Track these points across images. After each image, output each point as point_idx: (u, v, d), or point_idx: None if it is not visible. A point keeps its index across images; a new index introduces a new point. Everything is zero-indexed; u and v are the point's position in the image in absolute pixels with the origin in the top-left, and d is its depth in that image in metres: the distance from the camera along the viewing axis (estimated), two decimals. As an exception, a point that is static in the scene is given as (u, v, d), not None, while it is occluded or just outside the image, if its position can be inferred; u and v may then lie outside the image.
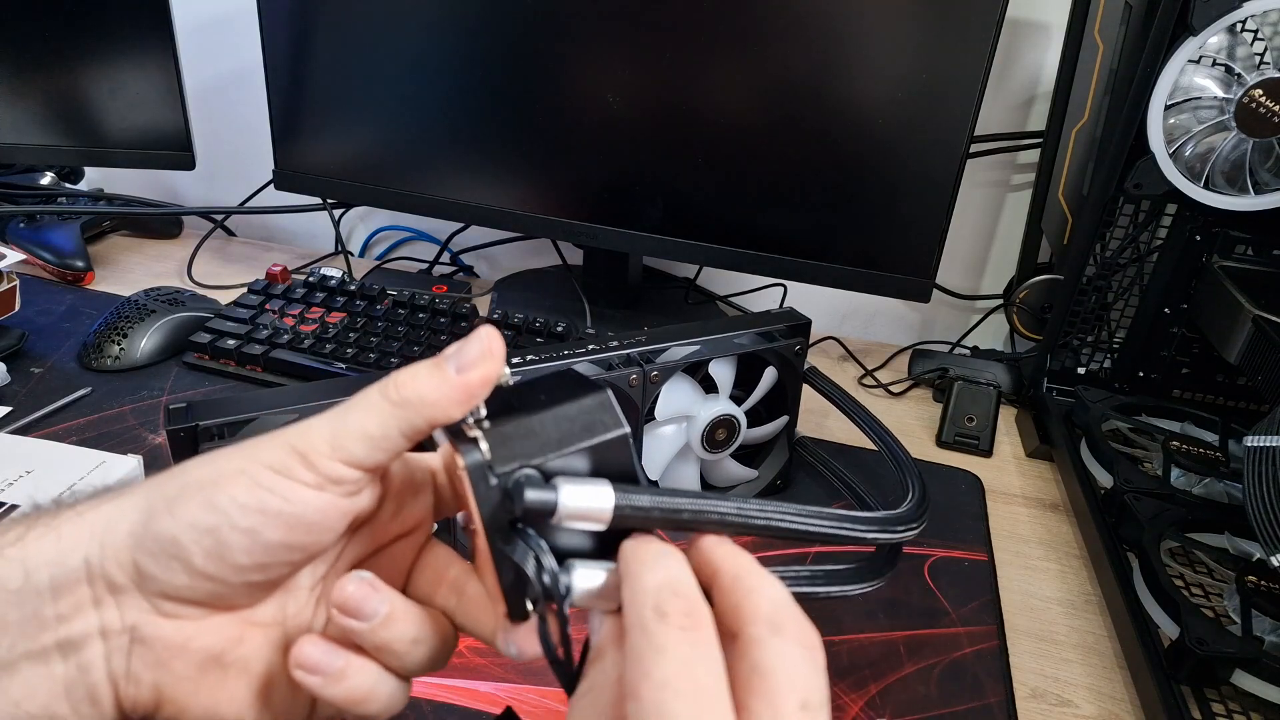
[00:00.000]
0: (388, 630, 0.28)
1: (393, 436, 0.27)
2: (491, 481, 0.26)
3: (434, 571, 0.31)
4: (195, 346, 0.77)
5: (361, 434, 0.26)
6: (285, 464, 0.26)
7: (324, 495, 0.26)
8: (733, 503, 0.29)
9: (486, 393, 0.27)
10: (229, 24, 1.06)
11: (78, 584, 0.26)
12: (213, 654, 0.27)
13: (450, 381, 0.26)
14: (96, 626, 0.26)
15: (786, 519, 0.31)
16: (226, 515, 0.25)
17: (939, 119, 0.73)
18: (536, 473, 0.26)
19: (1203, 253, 0.72)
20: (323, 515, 0.27)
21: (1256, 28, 0.65)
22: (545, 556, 0.26)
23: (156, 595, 0.26)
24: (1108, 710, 0.52)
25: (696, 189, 0.81)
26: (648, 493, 0.27)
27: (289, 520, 0.26)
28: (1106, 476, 0.67)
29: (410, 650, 0.28)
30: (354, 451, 0.26)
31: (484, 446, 0.26)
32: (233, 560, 0.26)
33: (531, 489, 0.25)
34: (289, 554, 0.27)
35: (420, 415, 0.26)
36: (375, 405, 0.27)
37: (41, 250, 0.91)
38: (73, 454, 0.60)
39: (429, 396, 0.26)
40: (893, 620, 0.56)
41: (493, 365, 0.27)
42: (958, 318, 1.00)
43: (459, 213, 0.90)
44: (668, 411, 0.59)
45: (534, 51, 0.80)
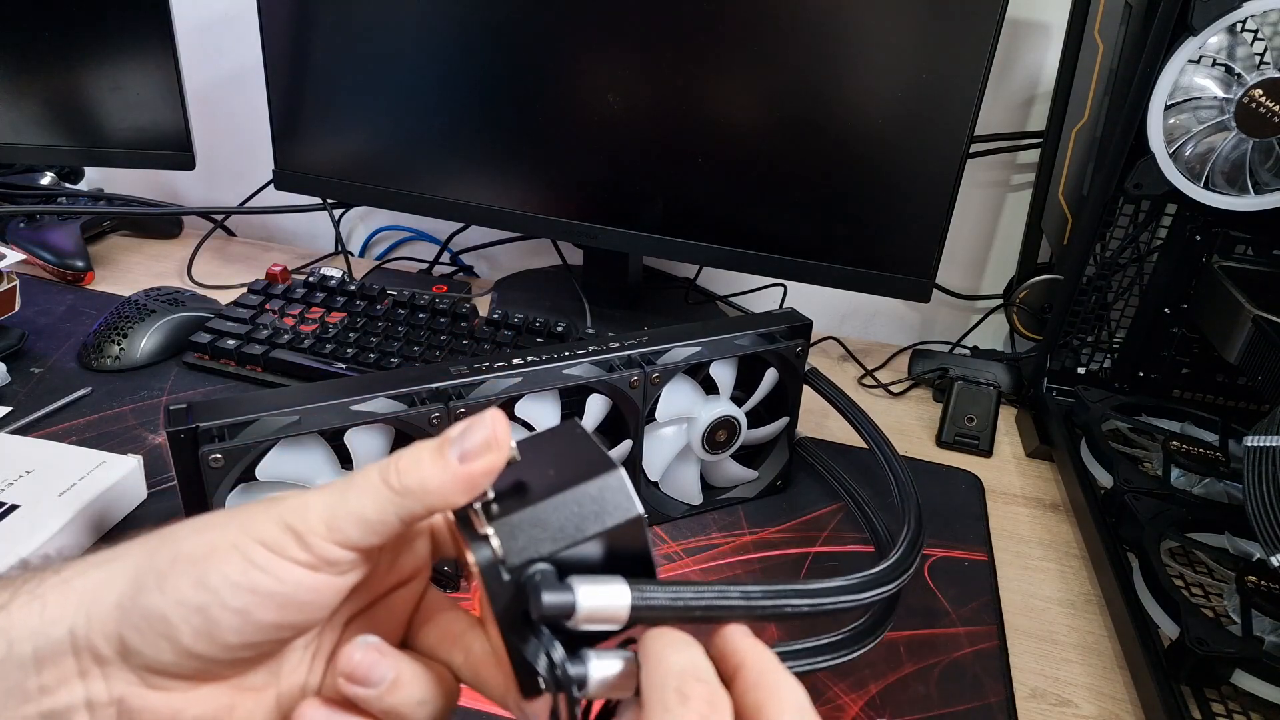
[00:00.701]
0: (394, 696, 0.27)
1: (390, 522, 0.26)
2: (504, 578, 0.25)
3: (438, 627, 0.31)
4: (195, 346, 0.77)
5: (358, 519, 0.26)
6: (279, 541, 0.25)
7: (318, 576, 0.26)
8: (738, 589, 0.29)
9: (490, 482, 0.26)
10: (229, 24, 1.06)
11: (62, 656, 0.25)
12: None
13: (452, 470, 0.26)
14: (82, 699, 0.25)
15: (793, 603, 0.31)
16: (217, 594, 0.25)
17: (939, 119, 0.73)
18: (550, 567, 0.26)
19: (1203, 253, 0.72)
20: (316, 595, 0.26)
21: (1256, 28, 0.65)
22: (557, 652, 0.25)
23: (143, 669, 0.25)
24: (1108, 710, 0.52)
25: (696, 189, 0.81)
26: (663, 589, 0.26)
27: (281, 600, 0.25)
28: (1106, 476, 0.67)
29: (416, 711, 0.28)
30: (349, 534, 0.26)
31: (495, 543, 0.25)
32: (222, 640, 0.25)
33: (548, 592, 0.25)
34: (280, 632, 0.26)
35: (420, 503, 0.26)
36: (375, 489, 0.26)
37: (41, 250, 0.91)
38: (73, 454, 0.60)
39: (430, 484, 0.26)
40: (893, 620, 0.56)
41: (496, 456, 0.26)
42: (958, 318, 1.00)
43: (459, 213, 0.90)
44: (668, 413, 0.59)
45: (534, 51, 0.80)
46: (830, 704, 0.50)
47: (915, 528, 0.51)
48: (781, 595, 0.31)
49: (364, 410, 0.49)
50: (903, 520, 0.52)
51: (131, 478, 0.59)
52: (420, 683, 0.28)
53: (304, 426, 0.47)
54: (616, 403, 0.56)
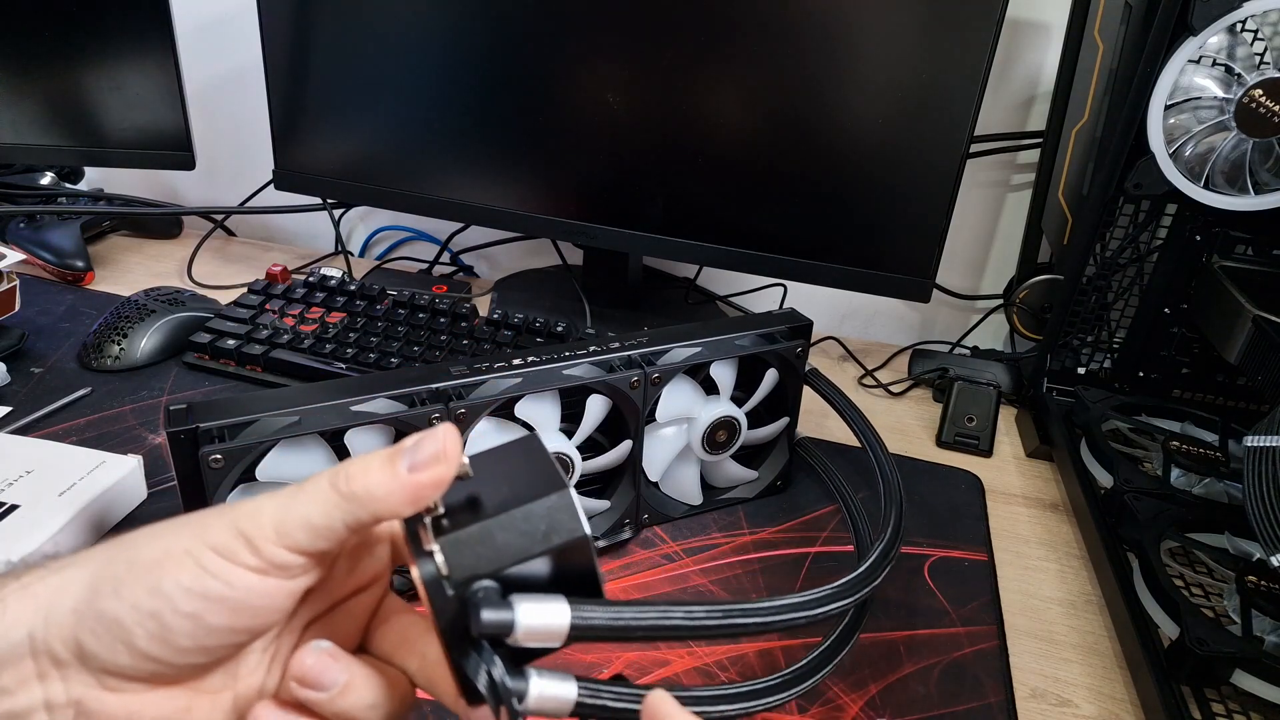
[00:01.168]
0: (345, 699, 0.28)
1: (336, 528, 0.26)
2: (448, 593, 0.25)
3: (395, 631, 0.31)
4: (195, 346, 0.77)
5: (306, 523, 0.26)
6: (229, 547, 0.26)
7: (267, 580, 0.26)
8: (682, 608, 0.29)
9: (438, 494, 0.27)
10: (229, 24, 1.06)
11: (21, 659, 0.26)
12: None
13: (400, 480, 0.26)
14: (41, 700, 0.26)
15: (739, 621, 0.32)
16: (169, 599, 0.25)
17: (939, 119, 0.73)
18: (494, 584, 0.26)
19: (1203, 253, 0.72)
20: (267, 599, 0.26)
21: (1256, 28, 0.65)
22: (496, 669, 0.26)
23: (100, 672, 0.26)
24: (1108, 710, 0.52)
25: (696, 189, 0.81)
26: (603, 608, 0.27)
27: (233, 605, 0.26)
28: (1106, 476, 0.67)
29: (367, 714, 0.28)
30: (298, 539, 0.26)
31: (439, 559, 0.26)
32: (175, 644, 0.26)
33: (489, 609, 0.25)
34: (233, 636, 0.27)
35: (366, 510, 0.26)
36: (323, 494, 0.26)
37: (41, 250, 0.91)
38: (73, 454, 0.60)
39: (377, 492, 0.26)
40: (893, 620, 0.56)
41: (444, 469, 0.26)
42: (958, 318, 1.00)
43: (459, 213, 0.90)
44: (669, 413, 0.59)
45: (535, 51, 0.80)
46: (830, 704, 0.50)
47: (889, 539, 0.50)
48: (727, 615, 0.31)
49: (364, 411, 0.49)
50: (882, 526, 0.52)
51: (131, 478, 0.59)
52: (372, 687, 0.28)
53: (304, 427, 0.47)
54: (616, 403, 0.56)
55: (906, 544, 0.63)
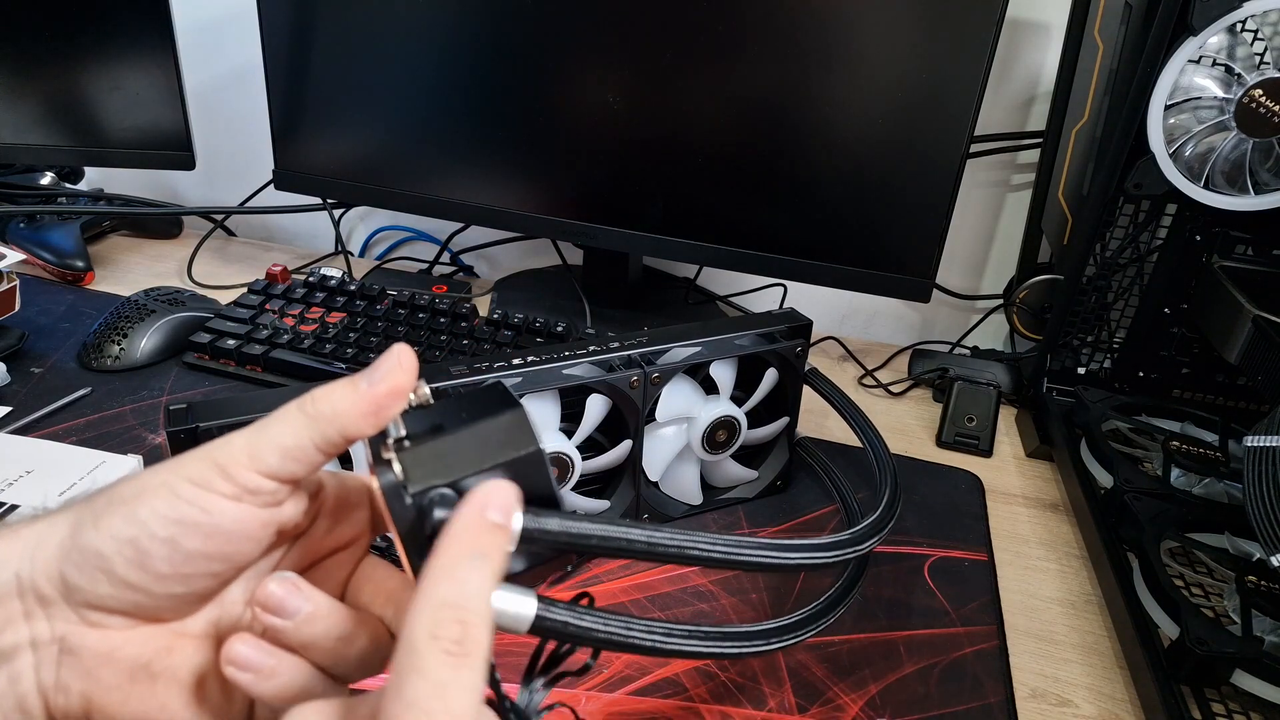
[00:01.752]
0: (311, 627, 0.28)
1: (306, 448, 0.27)
2: (406, 501, 0.26)
3: (372, 584, 0.32)
4: (195, 346, 0.77)
5: (277, 446, 0.27)
6: (204, 476, 0.27)
7: (241, 506, 0.27)
8: (642, 530, 0.30)
9: (398, 406, 0.28)
10: (229, 24, 1.06)
11: (9, 598, 0.27)
12: (141, 663, 0.28)
13: (361, 393, 0.27)
14: (27, 638, 0.27)
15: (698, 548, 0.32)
16: (145, 526, 0.26)
17: (939, 119, 0.73)
18: (452, 491, 0.27)
19: (1203, 253, 0.72)
20: (240, 525, 0.27)
21: (1256, 28, 0.65)
22: None
23: (83, 606, 0.27)
24: (1108, 710, 0.52)
25: (696, 189, 0.81)
26: (556, 517, 0.28)
27: (207, 530, 0.27)
28: (1106, 476, 0.67)
29: (339, 648, 0.29)
30: (269, 463, 0.27)
31: (397, 468, 0.27)
32: (153, 569, 0.26)
33: (441, 508, 0.26)
34: (209, 564, 0.27)
35: (333, 427, 0.27)
36: (292, 418, 0.28)
37: (41, 250, 0.91)
38: (73, 454, 0.60)
39: (340, 407, 0.27)
40: (893, 620, 0.56)
41: (401, 377, 0.28)
42: (958, 318, 1.00)
43: (459, 213, 0.90)
44: (669, 413, 0.59)
45: (535, 52, 0.80)
46: (830, 704, 0.50)
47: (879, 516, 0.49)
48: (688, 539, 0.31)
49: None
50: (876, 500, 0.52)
51: (131, 478, 0.59)
52: (339, 619, 0.29)
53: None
54: (616, 403, 0.56)
55: (906, 544, 0.63)
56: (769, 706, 0.49)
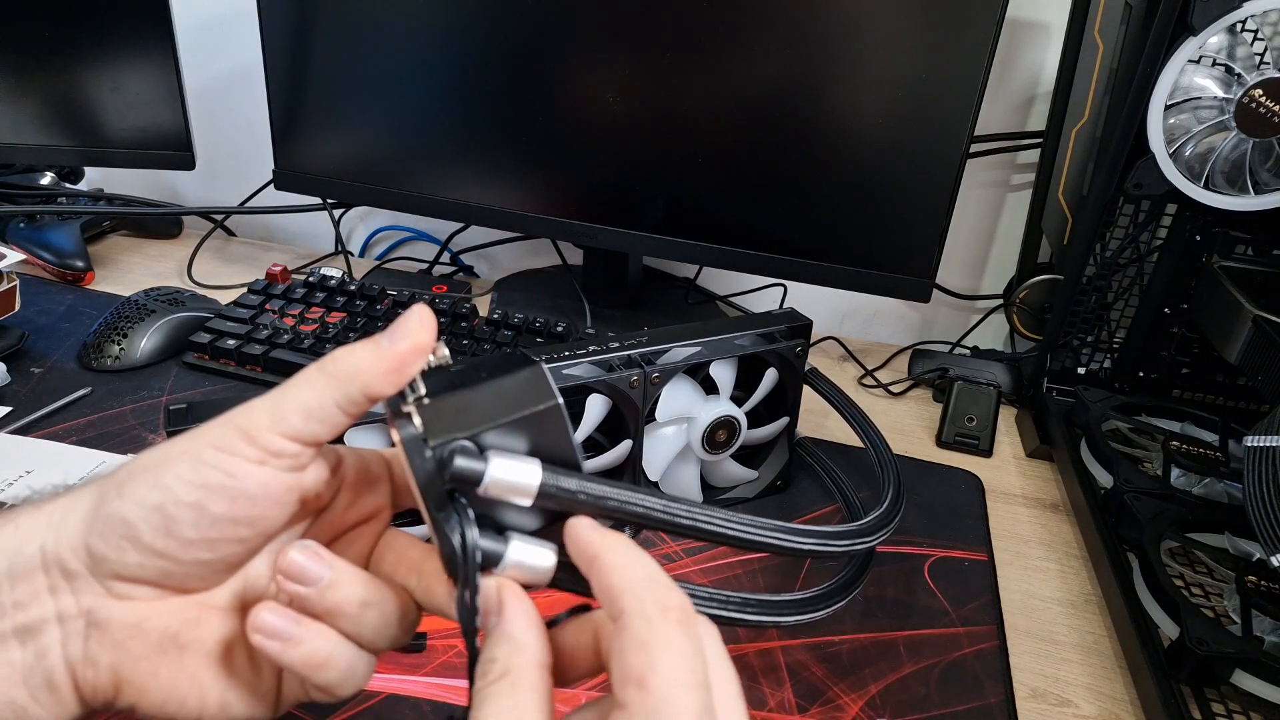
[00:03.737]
0: (335, 593, 0.28)
1: (329, 408, 0.27)
2: (426, 454, 0.26)
3: (395, 553, 0.32)
4: (195, 346, 0.77)
5: (299, 407, 0.27)
6: (228, 441, 0.27)
7: (265, 469, 0.27)
8: (660, 499, 0.30)
9: (419, 363, 0.28)
10: (229, 24, 1.06)
11: (34, 572, 0.27)
12: (169, 634, 0.28)
13: (383, 350, 0.28)
14: (53, 612, 0.27)
15: (713, 523, 0.32)
16: (171, 492, 0.26)
17: (939, 119, 0.73)
18: (471, 444, 0.27)
19: (1203, 253, 0.72)
20: (265, 489, 0.27)
21: (1256, 28, 0.65)
22: (471, 526, 0.26)
23: (110, 577, 0.27)
24: (1108, 710, 0.52)
25: (696, 189, 0.81)
26: (576, 476, 0.28)
27: (232, 493, 0.27)
28: (1106, 476, 0.67)
29: (362, 614, 0.29)
30: (293, 424, 0.27)
31: (417, 420, 0.27)
32: (180, 535, 0.27)
33: (461, 458, 0.26)
34: (235, 529, 0.27)
35: (355, 385, 0.27)
36: (313, 379, 0.28)
37: (41, 250, 0.91)
38: (73, 454, 0.60)
39: (362, 364, 0.27)
40: (893, 620, 0.56)
41: (424, 334, 0.28)
42: (958, 318, 1.00)
43: (459, 213, 0.90)
44: (668, 413, 0.59)
45: (534, 51, 0.80)
46: (830, 704, 0.50)
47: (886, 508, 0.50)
48: (705, 513, 0.31)
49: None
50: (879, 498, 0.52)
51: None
52: (361, 585, 0.29)
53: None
54: (616, 403, 0.56)
55: (907, 544, 0.63)
56: (769, 706, 0.49)
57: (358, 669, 0.29)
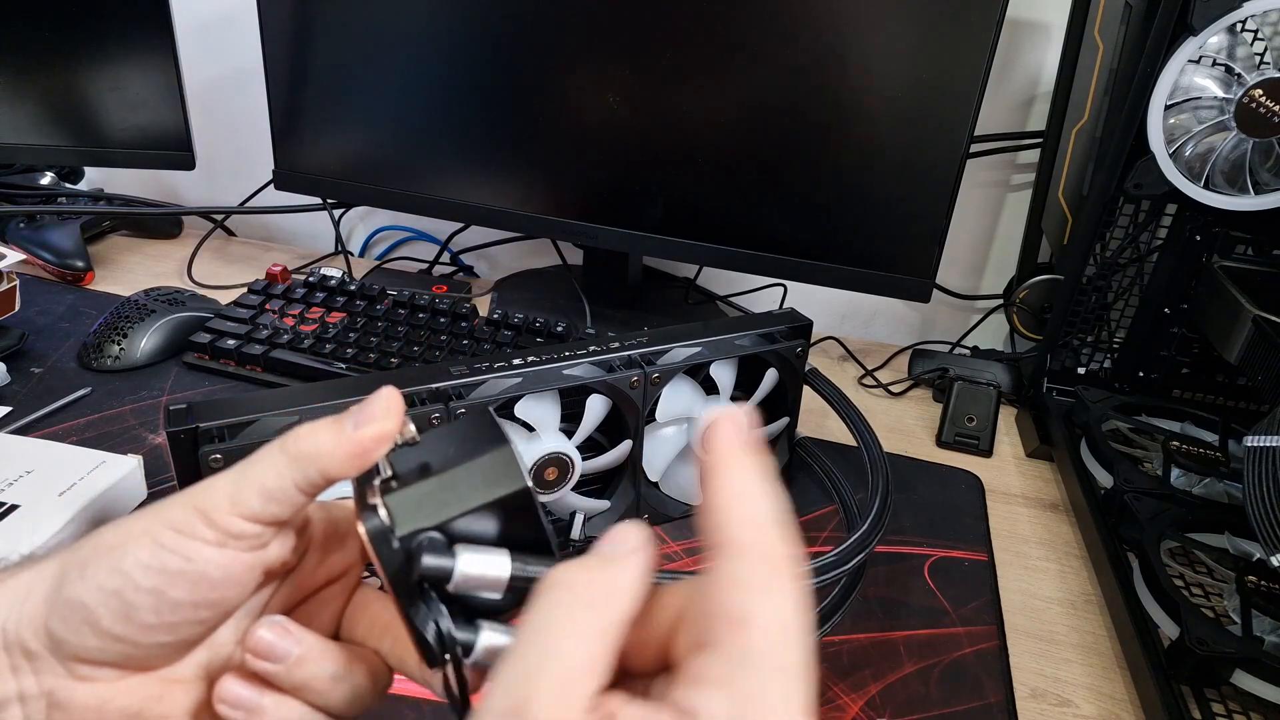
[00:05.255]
0: (303, 670, 0.28)
1: (288, 489, 0.27)
2: (394, 545, 0.26)
3: (368, 615, 0.31)
4: (195, 346, 0.77)
5: (258, 488, 0.27)
6: (187, 523, 0.26)
7: (225, 551, 0.27)
8: None
9: (382, 449, 0.27)
10: (229, 24, 1.06)
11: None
12: (131, 713, 0.27)
13: (346, 435, 0.27)
14: (15, 692, 0.26)
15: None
16: (129, 577, 0.26)
17: (939, 119, 0.73)
18: (440, 535, 0.26)
19: (1203, 253, 0.72)
20: (226, 572, 0.27)
21: (1256, 28, 0.65)
22: (443, 620, 0.26)
23: (71, 659, 0.26)
24: (1108, 710, 0.52)
25: (696, 189, 0.80)
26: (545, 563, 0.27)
27: (192, 578, 0.26)
28: (1106, 476, 0.67)
29: (332, 688, 0.28)
30: (252, 505, 0.27)
31: (383, 513, 0.26)
32: (140, 620, 0.26)
33: (429, 555, 0.26)
34: (196, 611, 0.27)
35: (314, 468, 0.27)
36: (273, 459, 0.27)
37: (41, 250, 0.91)
38: (73, 454, 0.60)
39: (324, 448, 0.27)
40: (893, 620, 0.56)
41: (388, 423, 0.27)
42: (958, 318, 1.00)
43: (459, 213, 0.90)
44: (669, 413, 0.59)
45: (535, 51, 0.80)
46: (830, 704, 0.50)
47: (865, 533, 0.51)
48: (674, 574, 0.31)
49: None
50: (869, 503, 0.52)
51: (131, 478, 0.59)
52: (331, 660, 0.28)
53: (304, 426, 0.47)
54: (616, 403, 0.56)
55: (906, 544, 0.63)
56: (769, 706, 0.49)
57: None
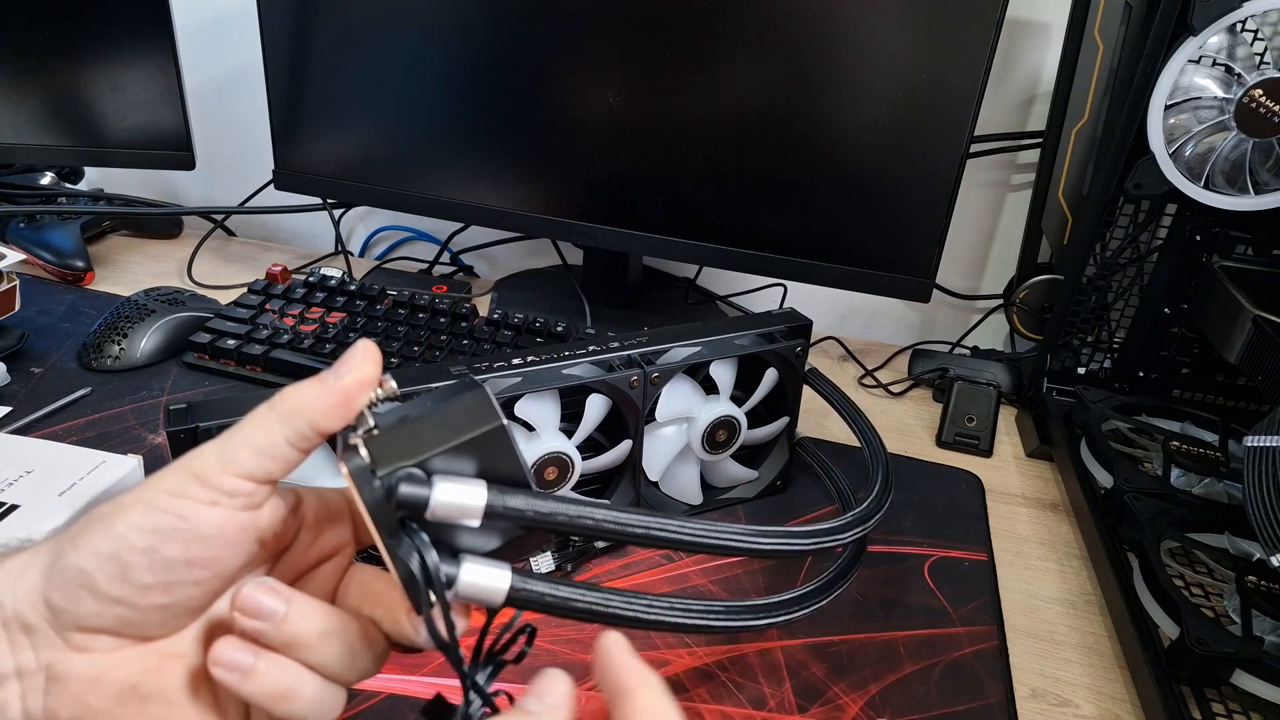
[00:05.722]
0: (291, 626, 0.28)
1: (279, 445, 0.28)
2: (375, 483, 0.27)
3: (359, 587, 0.32)
4: (195, 346, 0.77)
5: (250, 445, 0.28)
6: (180, 486, 0.27)
7: (218, 510, 0.27)
8: (608, 511, 0.30)
9: (365, 396, 0.29)
10: (229, 24, 1.06)
11: None
12: (129, 685, 0.28)
13: (329, 386, 0.28)
14: (12, 668, 0.27)
15: (666, 530, 0.32)
16: (124, 539, 0.27)
17: (939, 119, 0.73)
18: (419, 471, 0.27)
19: (1203, 253, 0.72)
20: (219, 530, 0.27)
21: (1256, 28, 0.65)
22: (427, 549, 0.27)
23: (69, 629, 0.27)
24: (1108, 710, 0.52)
25: (696, 189, 0.81)
26: (523, 494, 0.28)
27: (185, 536, 0.27)
28: (1106, 476, 0.67)
29: (323, 645, 0.29)
30: (245, 463, 0.28)
31: (364, 452, 0.27)
32: (135, 580, 0.27)
33: (407, 485, 0.27)
34: (190, 571, 0.27)
35: (304, 420, 0.28)
36: (262, 418, 0.28)
37: (41, 250, 0.91)
38: (73, 454, 0.60)
39: (309, 399, 0.28)
40: (893, 620, 0.56)
41: (368, 368, 0.29)
42: (958, 318, 1.00)
43: (459, 213, 0.90)
44: (668, 413, 0.59)
45: (534, 51, 0.80)
46: (830, 704, 0.50)
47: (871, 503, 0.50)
48: (656, 521, 0.32)
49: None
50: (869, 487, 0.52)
51: (131, 478, 0.59)
52: (319, 616, 0.29)
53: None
54: (616, 403, 0.56)
55: (907, 544, 0.63)
56: (769, 706, 0.49)
57: (325, 701, 0.29)
